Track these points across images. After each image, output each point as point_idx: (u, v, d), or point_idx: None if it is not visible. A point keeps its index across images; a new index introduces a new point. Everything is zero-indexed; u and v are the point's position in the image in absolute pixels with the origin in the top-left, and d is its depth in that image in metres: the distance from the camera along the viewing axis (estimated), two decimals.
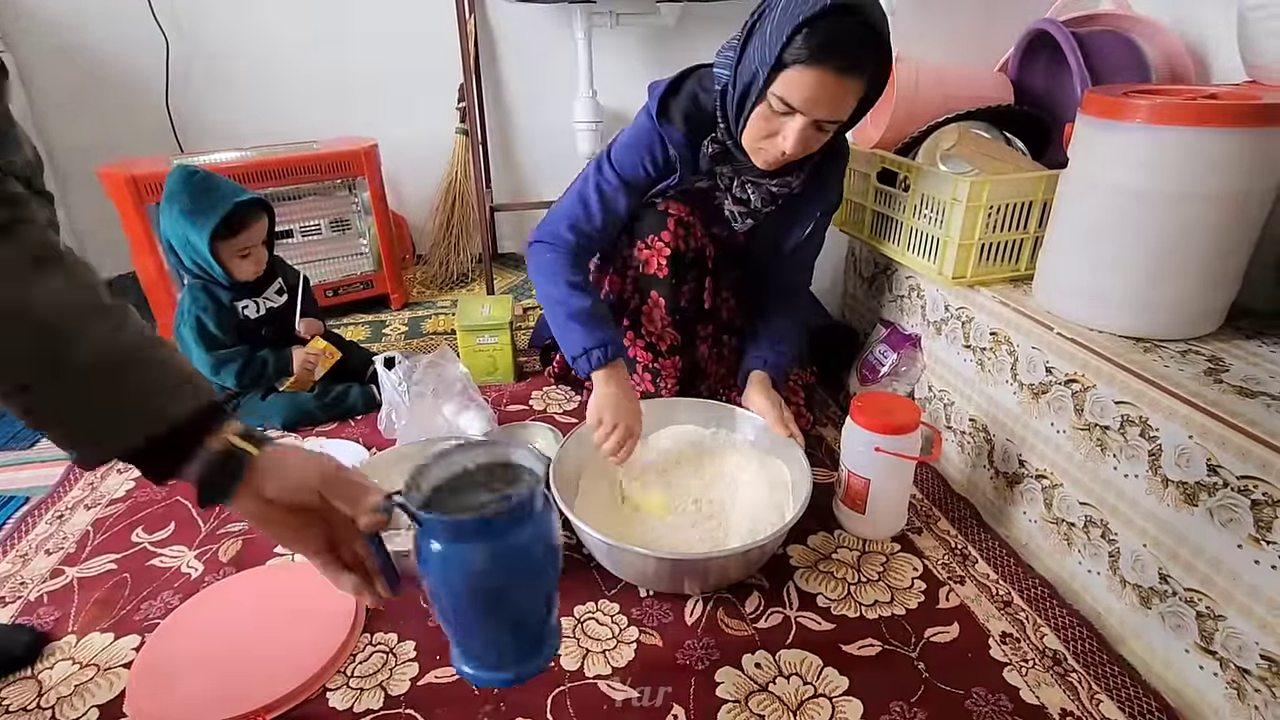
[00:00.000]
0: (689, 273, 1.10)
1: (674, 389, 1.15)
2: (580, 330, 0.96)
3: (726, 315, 1.21)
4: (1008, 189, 1.00)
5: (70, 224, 2.01)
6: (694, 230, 1.08)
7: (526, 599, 0.60)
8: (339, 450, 1.15)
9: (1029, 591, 0.89)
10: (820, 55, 0.82)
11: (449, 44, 1.88)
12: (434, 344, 1.60)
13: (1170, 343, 0.84)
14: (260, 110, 1.99)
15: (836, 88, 0.85)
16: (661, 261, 1.06)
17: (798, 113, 0.87)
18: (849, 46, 0.82)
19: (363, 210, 1.75)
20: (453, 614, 0.59)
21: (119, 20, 1.84)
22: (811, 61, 0.83)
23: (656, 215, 1.05)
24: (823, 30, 0.81)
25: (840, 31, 0.82)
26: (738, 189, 1.04)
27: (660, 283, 1.08)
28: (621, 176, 1.03)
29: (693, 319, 1.14)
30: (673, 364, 1.14)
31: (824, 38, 0.81)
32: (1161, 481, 0.75)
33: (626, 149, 1.03)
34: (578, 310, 0.97)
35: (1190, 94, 0.83)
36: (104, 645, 0.82)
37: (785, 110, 0.88)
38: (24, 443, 1.25)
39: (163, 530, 1.01)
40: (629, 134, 1.04)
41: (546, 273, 1.01)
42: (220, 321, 1.22)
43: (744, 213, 1.07)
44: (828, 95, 0.85)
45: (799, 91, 0.85)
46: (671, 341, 1.12)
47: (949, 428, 1.13)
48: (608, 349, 0.96)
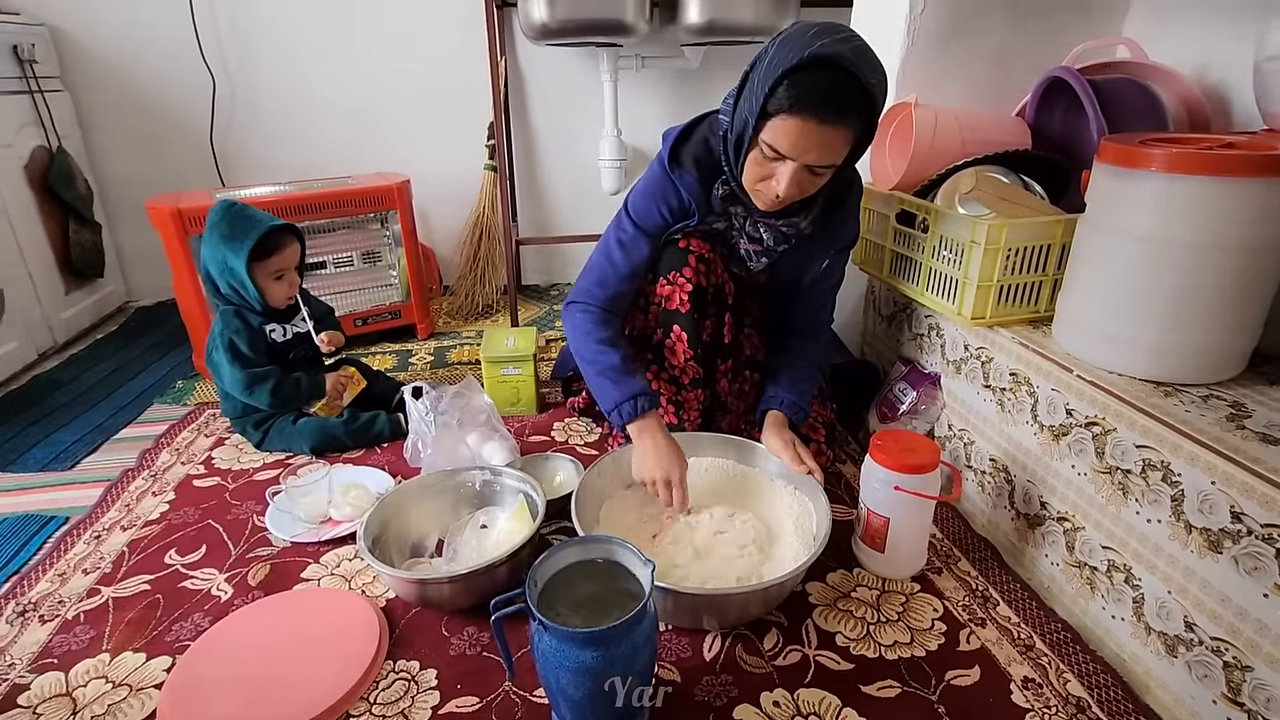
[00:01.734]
0: (710, 308, 1.13)
1: (697, 420, 1.17)
2: (611, 385, 1.01)
3: (749, 351, 1.22)
4: (1025, 232, 1.01)
5: (117, 251, 2.10)
6: (715, 266, 1.11)
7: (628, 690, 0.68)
8: (366, 477, 1.18)
9: (1051, 636, 0.88)
10: (801, 105, 0.85)
11: (481, 84, 1.96)
12: (459, 374, 1.64)
13: (1192, 387, 0.84)
14: (298, 147, 2.08)
15: (820, 135, 0.87)
16: (683, 297, 1.09)
17: (787, 158, 0.90)
18: (828, 97, 0.85)
19: (393, 243, 1.81)
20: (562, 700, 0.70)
21: (171, 62, 1.94)
22: (793, 111, 0.86)
23: (678, 252, 1.08)
24: (803, 82, 0.85)
25: (820, 82, 0.85)
26: (751, 229, 1.08)
27: (682, 318, 1.10)
28: (639, 225, 1.07)
29: (713, 354, 1.16)
30: (695, 397, 1.15)
31: (804, 89, 0.85)
32: (1185, 527, 0.75)
33: (642, 197, 1.07)
34: (607, 366, 1.02)
35: (1207, 143, 0.84)
36: (136, 665, 0.84)
37: (775, 156, 0.91)
38: (66, 464, 1.29)
39: (195, 553, 1.04)
40: (644, 183, 1.08)
41: (578, 332, 1.07)
42: (251, 342, 1.27)
43: (758, 251, 1.10)
44: (813, 142, 0.88)
45: (785, 139, 0.88)
46: (694, 375, 1.14)
47: (969, 467, 1.13)
48: (637, 401, 0.99)
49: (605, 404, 1.02)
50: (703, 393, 1.16)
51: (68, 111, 1.89)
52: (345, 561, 1.02)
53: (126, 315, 2.07)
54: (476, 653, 0.86)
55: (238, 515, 1.13)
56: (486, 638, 0.88)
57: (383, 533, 0.97)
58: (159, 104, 1.99)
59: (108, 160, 2.03)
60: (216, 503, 1.16)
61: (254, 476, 1.24)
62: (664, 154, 1.05)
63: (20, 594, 0.96)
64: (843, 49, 0.84)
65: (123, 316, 2.06)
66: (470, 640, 0.87)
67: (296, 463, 1.27)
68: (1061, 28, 1.29)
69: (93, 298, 1.94)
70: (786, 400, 1.09)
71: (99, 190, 1.97)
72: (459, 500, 1.07)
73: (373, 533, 0.95)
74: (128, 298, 2.15)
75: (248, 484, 1.22)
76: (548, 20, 1.66)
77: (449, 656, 0.85)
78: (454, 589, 0.89)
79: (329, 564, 1.02)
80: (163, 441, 1.36)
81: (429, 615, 0.92)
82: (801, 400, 1.10)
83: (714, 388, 1.18)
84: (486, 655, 0.85)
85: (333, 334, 1.37)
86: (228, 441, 1.35)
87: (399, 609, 0.93)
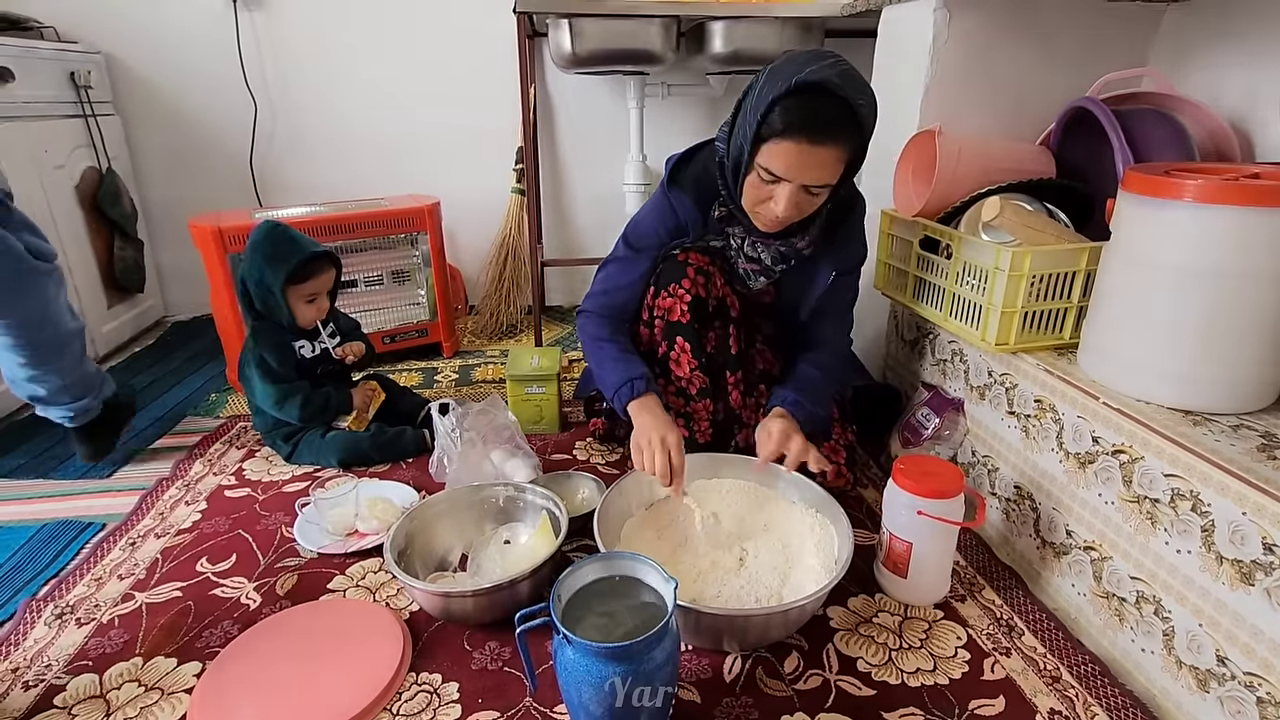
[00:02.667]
0: (714, 320, 1.16)
1: (708, 431, 1.18)
2: (611, 371, 1.10)
3: (763, 365, 1.24)
4: (1049, 259, 1.02)
5: (157, 267, 2.17)
6: (714, 279, 1.14)
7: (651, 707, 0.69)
8: (391, 491, 1.20)
9: (1079, 668, 0.87)
10: (791, 130, 0.90)
11: (510, 110, 2.01)
12: (482, 392, 1.66)
13: (1221, 416, 0.84)
14: (334, 169, 2.15)
15: (813, 156, 0.92)
16: (683, 308, 1.12)
17: (784, 180, 0.94)
18: (816, 120, 0.90)
19: (422, 262, 1.86)
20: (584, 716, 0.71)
21: (216, 88, 2.03)
22: (785, 136, 0.91)
23: (676, 265, 1.12)
24: (791, 107, 0.90)
25: (808, 107, 0.90)
26: (749, 248, 1.11)
27: (684, 328, 1.13)
28: (635, 245, 1.16)
29: (720, 365, 1.18)
30: (704, 406, 1.17)
31: (793, 114, 0.90)
32: (1216, 559, 0.74)
33: (644, 217, 1.16)
34: (608, 354, 1.12)
35: (1233, 173, 0.84)
36: (168, 669, 0.87)
37: (772, 179, 0.95)
38: (103, 472, 1.33)
39: (225, 561, 1.07)
40: (646, 205, 1.17)
41: (585, 335, 1.19)
42: (281, 358, 1.31)
43: (756, 270, 1.13)
44: (806, 163, 0.92)
45: (779, 161, 0.93)
46: (700, 385, 1.15)
47: (993, 494, 1.12)
48: (634, 384, 1.07)
49: (608, 391, 1.10)
50: (711, 403, 1.17)
51: (118, 134, 1.97)
52: (371, 574, 1.04)
53: (164, 329, 2.13)
54: (498, 667, 0.86)
55: (267, 526, 1.15)
56: (508, 653, 0.88)
57: (408, 546, 0.99)
58: (202, 127, 2.07)
59: (151, 180, 2.11)
60: (246, 513, 1.19)
61: (283, 488, 1.27)
62: (665, 177, 1.12)
63: (58, 597, 0.99)
64: (829, 74, 0.89)
65: (160, 330, 2.12)
66: (492, 655, 0.88)
67: (325, 475, 1.30)
68: (1085, 59, 1.30)
69: (133, 312, 2.01)
70: (789, 398, 1.10)
71: (142, 209, 2.05)
72: (483, 515, 1.08)
73: (398, 546, 0.96)
74: (165, 312, 2.22)
75: (277, 495, 1.24)
76: (577, 50, 1.71)
77: (471, 670, 0.86)
78: (477, 603, 0.90)
79: (355, 576, 1.03)
80: (196, 452, 1.39)
81: (451, 629, 0.93)
82: (806, 398, 1.10)
83: (726, 400, 1.19)
84: (508, 670, 0.86)
85: (351, 345, 1.41)
86: (258, 453, 1.39)
87: (422, 622, 0.94)
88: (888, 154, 1.36)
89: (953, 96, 1.31)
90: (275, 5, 1.99)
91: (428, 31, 2.05)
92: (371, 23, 2.03)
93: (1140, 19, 1.30)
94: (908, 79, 1.34)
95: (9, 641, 0.91)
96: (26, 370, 1.20)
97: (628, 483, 1.06)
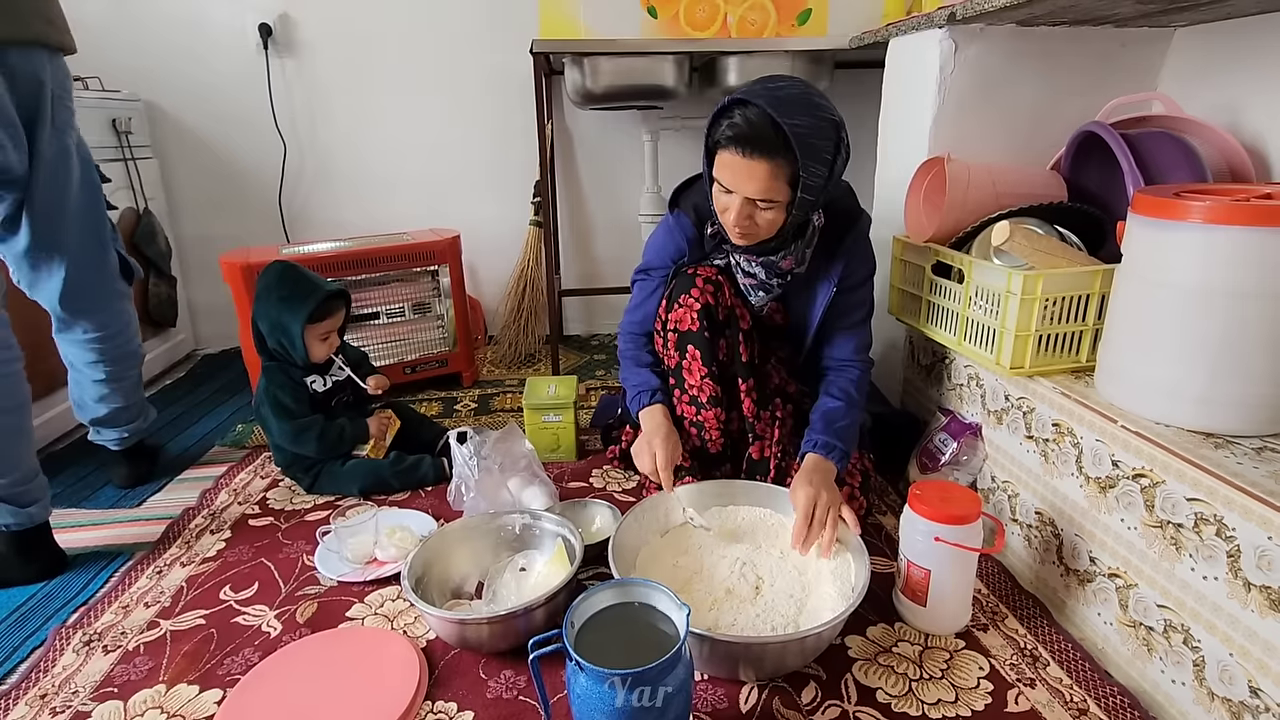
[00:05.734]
0: (724, 328, 1.17)
1: (719, 440, 1.18)
2: (629, 382, 1.22)
3: (777, 380, 1.24)
4: (1061, 282, 1.02)
5: (189, 302, 2.25)
6: (723, 289, 1.16)
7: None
8: (410, 520, 1.22)
9: (1107, 700, 0.84)
10: (725, 142, 0.98)
11: (529, 146, 2.07)
12: (501, 420, 1.68)
13: (1244, 439, 0.82)
14: (359, 205, 2.23)
15: (747, 168, 0.97)
16: (693, 317, 1.14)
17: (732, 192, 1.00)
18: (744, 133, 0.96)
19: (442, 294, 1.90)
20: None
21: (248, 131, 2.12)
22: (723, 145, 0.99)
23: (686, 278, 1.16)
24: (729, 121, 0.98)
25: (738, 121, 0.96)
26: (745, 264, 1.15)
27: (694, 336, 1.14)
28: (648, 267, 1.24)
29: (732, 374, 1.18)
30: (715, 415, 1.17)
31: (726, 127, 0.98)
32: (1243, 585, 0.72)
33: (652, 243, 1.24)
34: (630, 368, 1.24)
35: (1243, 194, 0.84)
36: (190, 697, 0.88)
37: (724, 190, 1.02)
38: (132, 502, 1.37)
39: (248, 590, 1.08)
40: (655, 230, 1.25)
41: (620, 349, 1.29)
42: (295, 396, 1.34)
43: (755, 286, 1.16)
44: (741, 175, 0.98)
45: (724, 171, 1.00)
46: (711, 393, 1.16)
47: (1014, 520, 1.10)
48: (642, 395, 1.18)
49: (628, 399, 1.21)
50: (722, 412, 1.18)
51: (155, 175, 2.06)
52: (389, 602, 1.05)
53: (194, 363, 2.20)
54: (513, 696, 0.86)
55: (289, 554, 1.17)
56: (523, 681, 0.88)
57: (425, 574, 1.00)
58: (234, 168, 2.16)
59: (185, 219, 2.20)
60: (269, 542, 1.21)
61: (305, 517, 1.29)
62: (669, 201, 1.20)
63: (87, 624, 1.01)
64: (763, 93, 0.96)
65: (190, 363, 2.19)
66: (507, 683, 0.88)
67: (345, 504, 1.32)
68: (1094, 85, 1.31)
69: (165, 346, 2.07)
70: (820, 441, 1.09)
71: (176, 247, 2.13)
72: (499, 543, 1.09)
73: (415, 573, 0.97)
74: (196, 345, 2.29)
75: (299, 524, 1.26)
76: (592, 88, 1.76)
77: (486, 699, 0.86)
78: (492, 630, 0.90)
79: (373, 604, 1.04)
80: (222, 482, 1.42)
81: (467, 657, 0.93)
82: (836, 438, 1.09)
83: (739, 410, 1.19)
84: (523, 699, 0.86)
85: (379, 378, 1.44)
86: (282, 483, 1.41)
87: (439, 650, 0.94)
88: (899, 181, 1.38)
89: (962, 124, 1.33)
90: (305, 51, 2.08)
91: (449, 72, 2.13)
92: (395, 65, 2.11)
93: (1149, 43, 1.31)
94: (916, 108, 1.36)
95: (39, 668, 0.93)
96: (100, 389, 1.31)
97: (643, 510, 1.07)
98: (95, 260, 1.25)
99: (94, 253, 1.24)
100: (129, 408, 1.36)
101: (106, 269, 1.27)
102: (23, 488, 1.09)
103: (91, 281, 1.24)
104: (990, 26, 1.26)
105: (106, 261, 1.27)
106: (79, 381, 1.31)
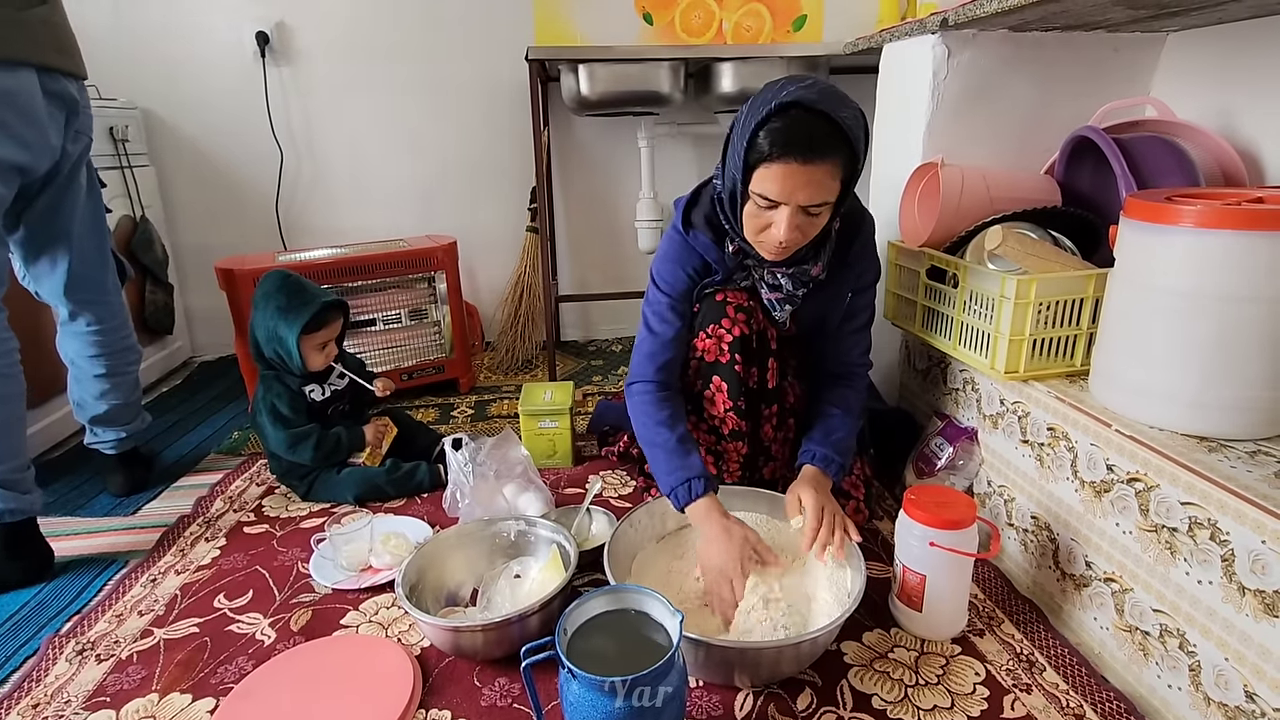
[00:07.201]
0: (755, 356, 1.13)
1: (737, 473, 1.16)
2: (666, 466, 1.02)
3: (793, 399, 1.21)
4: (1055, 286, 1.02)
5: (185, 310, 2.25)
6: (755, 314, 1.11)
7: None
8: (406, 527, 1.22)
9: (1104, 706, 0.84)
10: (779, 152, 0.90)
11: (525, 153, 2.08)
12: (498, 427, 1.68)
13: (1238, 443, 0.82)
14: (355, 212, 2.23)
15: (806, 175, 0.91)
16: (724, 347, 1.10)
17: (780, 203, 0.93)
18: (802, 137, 0.89)
19: (439, 301, 1.90)
20: None
21: (245, 139, 2.13)
22: (774, 158, 0.90)
23: (715, 305, 1.10)
24: (776, 130, 0.90)
25: (792, 126, 0.90)
26: (769, 277, 1.09)
27: (722, 368, 1.11)
28: (667, 293, 1.11)
29: (758, 401, 1.15)
30: (735, 448, 1.15)
31: (778, 135, 0.90)
32: (1238, 589, 0.72)
33: (665, 263, 1.11)
34: (663, 445, 1.03)
35: (1235, 198, 0.85)
36: (183, 705, 0.87)
37: (769, 204, 0.94)
38: (128, 510, 1.36)
39: (242, 597, 1.08)
40: (663, 249, 1.12)
41: (639, 414, 1.09)
42: (292, 405, 1.34)
43: (780, 299, 1.11)
44: (799, 182, 0.91)
45: (773, 185, 0.92)
46: (734, 426, 1.13)
47: (1010, 524, 1.10)
48: (691, 484, 0.99)
49: (664, 486, 1.02)
50: (744, 445, 1.15)
51: (152, 183, 2.07)
52: (383, 609, 1.04)
53: (190, 370, 2.19)
54: (507, 704, 0.86)
55: (283, 561, 1.17)
56: (517, 689, 0.88)
57: (420, 581, 0.99)
58: (231, 176, 2.16)
59: (182, 227, 2.20)
60: (264, 549, 1.21)
61: (300, 524, 1.28)
62: (677, 220, 1.10)
63: (80, 633, 1.01)
64: (806, 93, 0.90)
65: (186, 370, 2.19)
66: (501, 691, 0.88)
67: (341, 511, 1.32)
68: (1087, 90, 1.32)
69: (161, 353, 2.07)
70: (819, 454, 1.08)
71: (172, 254, 2.13)
72: (494, 550, 1.09)
73: (410, 581, 0.97)
74: (192, 353, 2.29)
75: (294, 531, 1.26)
76: (588, 94, 1.76)
77: (480, 707, 0.86)
78: (486, 637, 0.90)
79: (368, 611, 1.04)
80: (217, 489, 1.42)
81: (462, 665, 0.93)
82: (835, 451, 1.08)
83: (758, 434, 1.17)
84: (517, 707, 0.85)
85: (385, 381, 1.45)
86: (277, 490, 1.41)
87: (433, 658, 0.94)
88: (893, 186, 1.38)
89: (955, 129, 1.33)
90: (302, 59, 2.09)
91: (445, 80, 2.13)
92: (392, 72, 2.12)
93: (1141, 48, 1.31)
94: (910, 113, 1.36)
95: (31, 678, 0.93)
96: (101, 384, 1.33)
97: (639, 516, 1.06)
98: (97, 254, 1.30)
99: (96, 246, 1.30)
100: (128, 406, 1.39)
101: (107, 263, 1.33)
102: (20, 475, 1.13)
103: (94, 274, 1.29)
104: (983, 32, 1.26)
105: (107, 256, 1.33)
106: (79, 379, 1.34)
